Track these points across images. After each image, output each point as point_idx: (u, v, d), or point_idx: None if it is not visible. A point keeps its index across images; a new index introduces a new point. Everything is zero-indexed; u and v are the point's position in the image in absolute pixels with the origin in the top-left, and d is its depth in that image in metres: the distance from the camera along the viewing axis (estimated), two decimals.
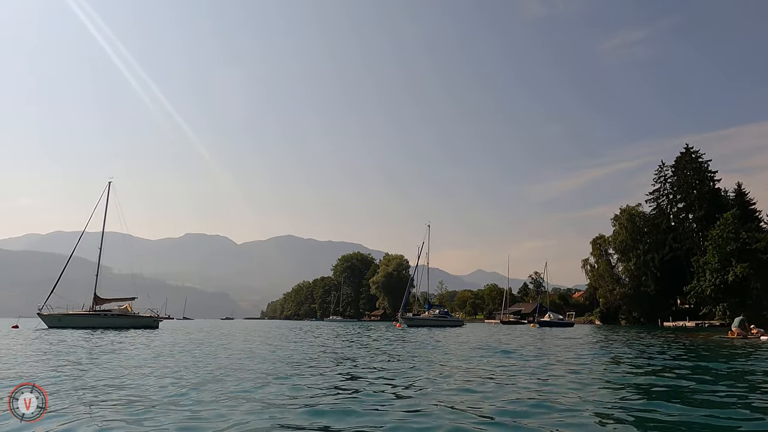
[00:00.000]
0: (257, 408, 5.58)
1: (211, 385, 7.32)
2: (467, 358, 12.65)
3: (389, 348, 16.09)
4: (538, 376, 8.68)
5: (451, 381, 8.09)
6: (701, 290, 54.94)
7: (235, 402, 5.95)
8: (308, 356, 12.63)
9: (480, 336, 26.75)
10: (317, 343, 18.38)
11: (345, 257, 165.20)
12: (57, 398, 5.98)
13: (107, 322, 33.21)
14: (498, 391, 6.90)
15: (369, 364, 10.89)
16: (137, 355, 12.64)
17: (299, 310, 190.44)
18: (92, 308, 34.47)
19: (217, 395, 6.40)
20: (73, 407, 5.45)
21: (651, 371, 9.66)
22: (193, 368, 9.55)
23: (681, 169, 68.99)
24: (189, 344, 17.34)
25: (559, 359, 12.21)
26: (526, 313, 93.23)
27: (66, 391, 6.57)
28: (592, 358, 12.50)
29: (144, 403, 5.76)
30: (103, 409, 5.47)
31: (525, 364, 10.85)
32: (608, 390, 7.16)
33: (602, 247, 79.16)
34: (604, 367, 10.55)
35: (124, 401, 5.91)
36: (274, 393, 6.66)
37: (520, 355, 13.53)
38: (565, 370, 9.65)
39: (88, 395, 6.26)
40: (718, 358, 13.30)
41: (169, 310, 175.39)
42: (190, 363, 10.57)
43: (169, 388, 6.90)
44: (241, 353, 13.36)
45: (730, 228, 52.92)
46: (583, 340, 22.45)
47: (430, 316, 54.03)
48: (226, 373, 8.73)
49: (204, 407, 5.60)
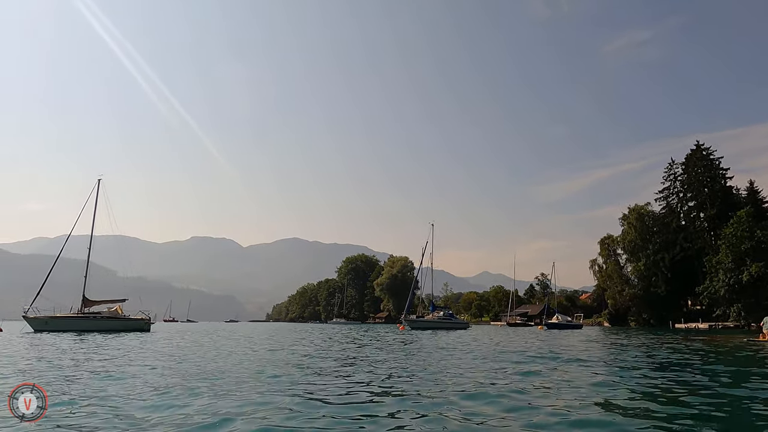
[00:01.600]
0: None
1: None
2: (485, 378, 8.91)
3: (379, 357, 14.75)
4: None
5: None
6: (714, 291, 53.09)
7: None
8: (260, 374, 11.31)
9: (487, 341, 25.34)
10: (299, 352, 17.06)
11: (349, 259, 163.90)
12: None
13: (96, 324, 32.07)
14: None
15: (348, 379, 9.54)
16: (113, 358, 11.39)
17: (304, 312, 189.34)
18: (81, 311, 33.34)
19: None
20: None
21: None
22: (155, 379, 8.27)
23: (692, 167, 67.22)
24: (171, 349, 16.10)
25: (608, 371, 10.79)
26: (532, 315, 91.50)
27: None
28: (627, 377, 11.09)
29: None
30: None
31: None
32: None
33: (610, 248, 77.40)
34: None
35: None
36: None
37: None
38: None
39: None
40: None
41: (175, 313, 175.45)
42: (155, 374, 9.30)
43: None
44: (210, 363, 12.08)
45: (744, 226, 51.15)
46: (602, 344, 21.02)
47: (435, 318, 52.71)
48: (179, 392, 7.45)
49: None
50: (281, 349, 16.91)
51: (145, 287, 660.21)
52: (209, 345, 18.83)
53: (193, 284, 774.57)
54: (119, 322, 33.08)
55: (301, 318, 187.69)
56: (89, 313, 33.36)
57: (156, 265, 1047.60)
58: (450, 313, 58.55)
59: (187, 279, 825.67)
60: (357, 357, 13.54)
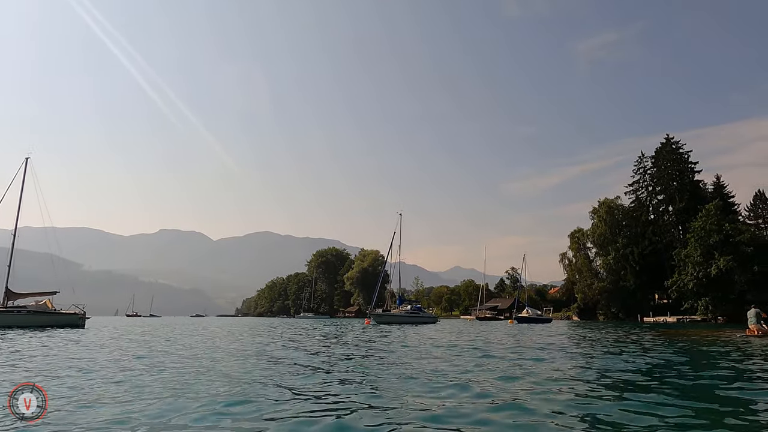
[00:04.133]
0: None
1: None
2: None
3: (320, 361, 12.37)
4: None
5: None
6: (683, 284, 52.75)
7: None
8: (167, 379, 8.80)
9: (451, 335, 23.26)
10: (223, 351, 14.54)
11: (320, 252, 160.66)
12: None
13: (19, 320, 28.59)
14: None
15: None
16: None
17: (273, 306, 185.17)
18: (4, 304, 29.79)
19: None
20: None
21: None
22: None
23: (661, 160, 67.13)
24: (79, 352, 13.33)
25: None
26: (502, 309, 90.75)
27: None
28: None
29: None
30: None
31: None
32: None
33: (580, 241, 77.00)
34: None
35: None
36: None
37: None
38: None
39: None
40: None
41: (140, 308, 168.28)
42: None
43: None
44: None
45: (712, 220, 50.85)
46: (580, 338, 19.13)
47: (402, 312, 50.51)
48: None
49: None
50: (195, 348, 14.33)
51: (111, 281, 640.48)
52: (131, 348, 16.07)
53: (161, 278, 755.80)
54: (47, 317, 29.72)
55: (270, 312, 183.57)
56: (13, 307, 29.84)
57: (123, 258, 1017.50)
58: (418, 306, 56.46)
59: (155, 273, 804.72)
60: (281, 358, 11.12)
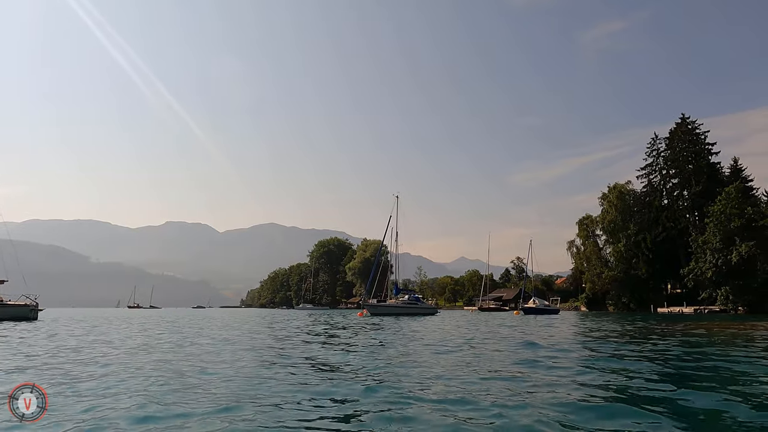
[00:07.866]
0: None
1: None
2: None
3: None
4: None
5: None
6: (701, 272, 49.28)
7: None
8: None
9: (437, 333, 20.22)
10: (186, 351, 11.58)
11: (322, 242, 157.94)
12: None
13: None
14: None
15: None
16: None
17: (275, 297, 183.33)
18: None
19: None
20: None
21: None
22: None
23: (676, 142, 63.17)
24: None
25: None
26: (507, 300, 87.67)
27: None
28: None
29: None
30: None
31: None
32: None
33: (589, 228, 73.59)
34: None
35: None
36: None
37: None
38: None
39: None
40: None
41: (143, 299, 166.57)
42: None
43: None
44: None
45: (733, 203, 47.20)
46: (607, 336, 16.03)
47: (398, 302, 47.46)
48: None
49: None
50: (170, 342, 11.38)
51: (118, 273, 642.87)
52: (86, 347, 13.16)
53: (168, 270, 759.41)
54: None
55: (272, 304, 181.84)
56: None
57: (130, 250, 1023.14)
58: (416, 296, 53.29)
59: (162, 265, 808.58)
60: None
